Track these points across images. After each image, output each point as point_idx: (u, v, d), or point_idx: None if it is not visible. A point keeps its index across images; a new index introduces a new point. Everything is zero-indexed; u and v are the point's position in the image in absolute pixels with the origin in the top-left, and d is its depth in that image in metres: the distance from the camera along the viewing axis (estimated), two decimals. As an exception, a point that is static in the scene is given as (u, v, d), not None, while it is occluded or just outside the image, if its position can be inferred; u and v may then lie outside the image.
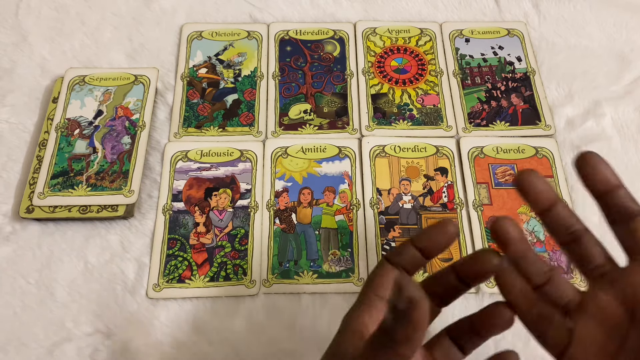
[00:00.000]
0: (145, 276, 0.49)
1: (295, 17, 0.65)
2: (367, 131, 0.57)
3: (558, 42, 0.64)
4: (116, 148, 0.55)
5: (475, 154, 0.56)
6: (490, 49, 0.63)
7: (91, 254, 0.50)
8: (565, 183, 0.54)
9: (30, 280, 0.49)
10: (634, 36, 0.64)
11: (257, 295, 0.48)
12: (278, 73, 0.61)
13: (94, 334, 0.47)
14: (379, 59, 0.62)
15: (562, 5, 0.67)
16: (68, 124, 0.56)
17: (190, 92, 0.59)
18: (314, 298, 0.48)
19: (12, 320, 0.47)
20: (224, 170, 0.55)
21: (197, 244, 0.51)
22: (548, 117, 0.58)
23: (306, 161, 0.55)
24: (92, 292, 0.48)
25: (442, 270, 0.33)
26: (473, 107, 0.59)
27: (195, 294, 0.48)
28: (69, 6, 0.65)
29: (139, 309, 0.48)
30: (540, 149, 0.56)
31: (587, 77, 0.61)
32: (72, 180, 0.53)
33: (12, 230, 0.51)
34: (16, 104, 0.58)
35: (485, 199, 0.53)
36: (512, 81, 0.61)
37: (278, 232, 0.51)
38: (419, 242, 0.32)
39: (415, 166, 0.55)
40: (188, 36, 0.63)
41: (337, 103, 0.59)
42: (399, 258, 0.33)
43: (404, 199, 0.53)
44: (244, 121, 0.58)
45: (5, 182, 0.54)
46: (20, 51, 0.62)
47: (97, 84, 0.59)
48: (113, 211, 0.51)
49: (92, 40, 0.63)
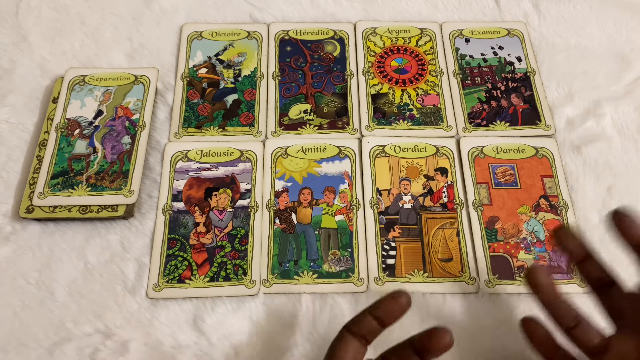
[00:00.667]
0: (145, 276, 0.49)
1: (295, 17, 0.65)
2: (367, 131, 0.57)
3: (558, 42, 0.64)
4: (116, 148, 0.55)
5: (475, 154, 0.56)
6: (490, 49, 0.63)
7: (91, 254, 0.50)
8: (565, 183, 0.54)
9: (30, 280, 0.49)
10: (634, 36, 0.64)
11: (257, 295, 0.48)
12: (278, 73, 0.61)
13: (94, 334, 0.47)
14: (379, 59, 0.62)
15: (562, 5, 0.67)
16: (68, 124, 0.56)
17: (190, 92, 0.59)
18: (314, 298, 0.48)
19: (12, 320, 0.47)
20: (224, 170, 0.55)
21: (197, 244, 0.51)
22: (548, 117, 0.58)
23: (306, 161, 0.55)
24: (92, 292, 0.48)
25: (401, 343, 0.35)
26: (473, 107, 0.59)
27: (195, 294, 0.48)
28: (69, 6, 0.65)
29: (139, 309, 0.48)
30: (540, 149, 0.56)
31: (587, 77, 0.61)
32: (72, 180, 0.53)
33: (12, 230, 0.51)
34: (16, 104, 0.58)
35: (485, 199, 0.53)
36: (512, 81, 0.61)
37: (278, 232, 0.51)
38: (375, 312, 0.35)
39: (415, 166, 0.55)
40: (188, 36, 0.63)
41: (337, 103, 0.59)
42: (358, 328, 0.35)
43: (404, 199, 0.53)
44: (244, 121, 0.58)
45: (5, 182, 0.54)
46: (20, 51, 0.62)
47: (97, 84, 0.59)
48: (113, 211, 0.51)
49: (92, 40, 0.63)
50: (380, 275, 0.49)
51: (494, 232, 0.52)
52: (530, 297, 0.38)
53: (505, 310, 0.48)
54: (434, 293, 0.49)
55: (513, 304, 0.48)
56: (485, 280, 0.49)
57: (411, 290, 0.49)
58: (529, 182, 0.54)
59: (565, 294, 0.38)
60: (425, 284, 0.49)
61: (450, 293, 0.49)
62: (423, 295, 0.48)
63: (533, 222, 0.52)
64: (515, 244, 0.51)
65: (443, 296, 0.49)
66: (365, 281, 0.49)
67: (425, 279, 0.49)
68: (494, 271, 0.50)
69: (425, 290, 0.49)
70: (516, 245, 0.51)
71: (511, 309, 0.48)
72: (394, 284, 0.49)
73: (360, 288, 0.49)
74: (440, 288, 0.49)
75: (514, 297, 0.48)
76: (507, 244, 0.51)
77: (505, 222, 0.52)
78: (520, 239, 0.51)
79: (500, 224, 0.52)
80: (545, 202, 0.53)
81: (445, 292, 0.49)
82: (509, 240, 0.51)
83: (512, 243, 0.51)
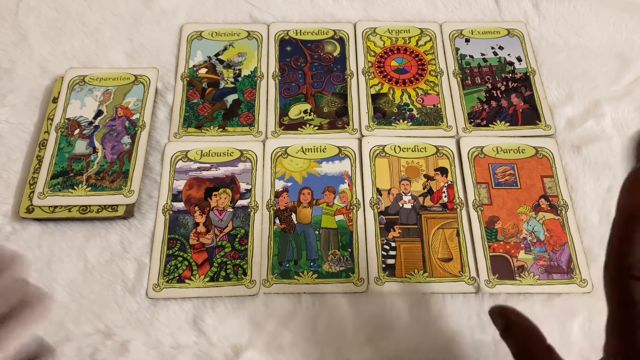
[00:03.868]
0: (145, 276, 0.49)
1: (295, 17, 0.65)
2: (367, 131, 0.57)
3: (558, 42, 0.64)
4: (116, 148, 0.55)
5: (475, 154, 0.56)
6: (490, 49, 0.63)
7: (91, 254, 0.50)
8: (565, 183, 0.54)
9: (30, 280, 0.49)
10: (634, 36, 0.64)
11: (257, 295, 0.48)
12: (278, 73, 0.61)
13: (94, 334, 0.47)
14: (379, 59, 0.62)
15: (562, 5, 0.67)
16: (68, 124, 0.56)
17: (190, 92, 0.59)
18: (314, 298, 0.48)
19: (12, 320, 0.47)
20: (224, 170, 0.55)
21: (197, 244, 0.51)
22: (548, 117, 0.58)
23: (306, 161, 0.55)
24: (92, 292, 0.48)
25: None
26: (473, 107, 0.59)
27: (195, 294, 0.48)
28: (69, 6, 0.65)
29: (139, 309, 0.48)
30: (540, 149, 0.56)
31: (587, 77, 0.61)
32: (72, 180, 0.53)
33: (12, 230, 0.51)
34: (16, 104, 0.58)
35: (485, 199, 0.53)
36: (512, 81, 0.61)
37: (278, 232, 0.51)
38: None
39: (415, 166, 0.55)
40: (188, 36, 0.63)
41: (337, 103, 0.59)
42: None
43: (404, 199, 0.53)
44: (244, 121, 0.58)
45: (5, 182, 0.54)
46: (20, 51, 0.62)
47: (97, 84, 0.59)
48: (113, 211, 0.51)
49: (92, 40, 0.63)
50: (380, 275, 0.49)
51: (494, 232, 0.52)
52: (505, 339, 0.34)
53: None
54: (434, 293, 0.49)
55: (513, 304, 0.48)
56: (485, 280, 0.49)
57: (411, 290, 0.49)
58: (529, 182, 0.54)
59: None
60: (425, 284, 0.49)
61: (450, 293, 0.49)
62: (423, 295, 0.48)
63: (533, 222, 0.52)
64: (515, 244, 0.51)
65: (443, 296, 0.49)
66: (365, 281, 0.49)
67: (425, 279, 0.49)
68: (494, 271, 0.50)
69: (425, 290, 0.49)
70: (516, 245, 0.51)
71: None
72: (394, 284, 0.49)
73: (360, 288, 0.49)
74: (440, 288, 0.49)
75: (514, 297, 0.48)
76: (507, 244, 0.51)
77: (505, 222, 0.52)
78: (520, 239, 0.51)
79: (500, 224, 0.52)
80: (545, 202, 0.53)
81: (445, 292, 0.49)
82: (509, 240, 0.51)
83: (512, 243, 0.51)
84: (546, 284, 0.49)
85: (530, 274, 0.50)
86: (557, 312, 0.48)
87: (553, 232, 0.52)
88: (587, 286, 0.49)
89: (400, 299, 0.48)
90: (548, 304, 0.48)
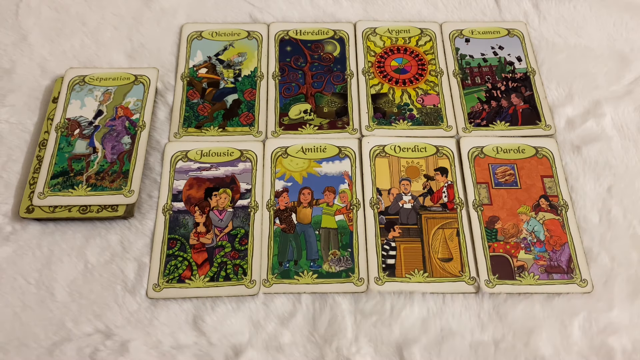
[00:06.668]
0: (145, 276, 0.49)
1: (295, 17, 0.65)
2: (367, 131, 0.57)
3: (558, 42, 0.64)
4: (116, 148, 0.55)
5: (475, 154, 0.56)
6: (490, 49, 0.63)
7: (91, 254, 0.50)
8: (565, 183, 0.54)
9: (30, 280, 0.49)
10: (634, 36, 0.64)
11: (257, 295, 0.48)
12: (278, 73, 0.61)
13: (94, 334, 0.47)
14: (379, 59, 0.62)
15: (562, 5, 0.67)
16: (68, 124, 0.56)
17: (190, 92, 0.59)
18: (314, 298, 0.48)
19: (12, 320, 0.47)
20: (224, 170, 0.55)
21: (197, 244, 0.51)
22: (548, 117, 0.58)
23: (306, 161, 0.55)
24: (92, 292, 0.48)
25: None
26: (473, 107, 0.59)
27: (195, 294, 0.48)
28: (69, 6, 0.65)
29: (139, 309, 0.48)
30: (540, 149, 0.56)
31: (587, 77, 0.61)
32: (72, 180, 0.53)
33: (12, 230, 0.51)
34: (16, 104, 0.58)
35: (485, 198, 0.53)
36: (512, 81, 0.61)
37: (278, 232, 0.51)
38: None
39: (415, 166, 0.55)
40: (188, 36, 0.63)
41: (337, 103, 0.59)
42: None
43: (404, 199, 0.53)
44: (244, 121, 0.58)
45: (5, 182, 0.54)
46: (20, 51, 0.62)
47: (97, 84, 0.59)
48: (113, 211, 0.51)
49: (92, 40, 0.63)
50: (380, 275, 0.49)
51: (494, 232, 0.52)
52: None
53: (505, 310, 0.48)
54: (434, 293, 0.49)
55: (513, 304, 0.48)
56: (485, 280, 0.49)
57: (411, 290, 0.49)
58: (529, 182, 0.54)
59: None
60: (425, 284, 0.49)
61: (450, 293, 0.49)
62: (423, 295, 0.48)
63: (533, 222, 0.52)
64: (515, 244, 0.51)
65: (443, 296, 0.49)
66: (365, 281, 0.49)
67: (425, 279, 0.49)
68: (494, 271, 0.50)
69: (425, 290, 0.49)
70: (516, 245, 0.51)
71: (511, 309, 0.48)
72: (394, 284, 0.49)
73: (360, 288, 0.49)
74: (440, 288, 0.49)
75: (514, 297, 0.48)
76: (507, 244, 0.51)
77: (505, 222, 0.52)
78: (520, 238, 0.51)
79: (500, 223, 0.52)
80: (545, 202, 0.53)
81: (445, 292, 0.49)
82: (509, 240, 0.51)
83: (512, 243, 0.51)
84: (546, 284, 0.49)
85: (530, 274, 0.50)
86: (557, 312, 0.48)
87: (553, 232, 0.52)
88: (587, 286, 0.49)
89: (400, 298, 0.48)
90: (548, 304, 0.48)
